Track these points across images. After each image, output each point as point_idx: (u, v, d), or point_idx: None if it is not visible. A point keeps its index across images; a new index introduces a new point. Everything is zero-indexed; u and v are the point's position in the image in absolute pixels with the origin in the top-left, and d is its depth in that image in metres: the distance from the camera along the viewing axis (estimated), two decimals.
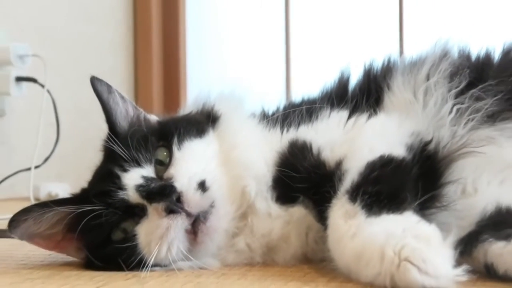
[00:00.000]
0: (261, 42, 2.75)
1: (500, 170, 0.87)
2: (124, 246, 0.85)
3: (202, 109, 0.99)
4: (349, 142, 0.88)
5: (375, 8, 2.63)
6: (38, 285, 0.80)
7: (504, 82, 0.93)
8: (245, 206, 0.89)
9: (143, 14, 2.75)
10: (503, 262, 0.74)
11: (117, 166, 0.89)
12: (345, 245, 0.76)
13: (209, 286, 0.78)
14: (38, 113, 2.09)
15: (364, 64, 1.01)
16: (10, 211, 0.89)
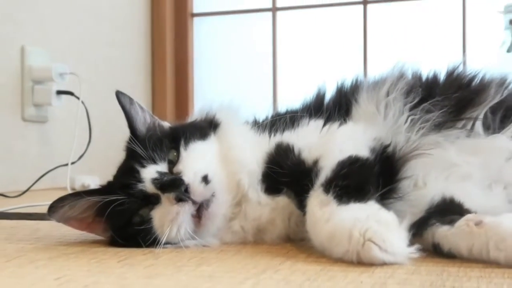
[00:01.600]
0: (253, 64, 2.75)
1: (444, 168, 0.87)
2: (142, 228, 0.85)
3: (206, 117, 0.99)
4: (323, 145, 0.88)
5: (345, 37, 2.62)
6: (71, 259, 0.79)
7: (448, 98, 0.93)
8: (239, 196, 0.89)
9: (159, 41, 2.76)
10: (447, 242, 0.74)
11: (137, 163, 0.89)
12: (320, 228, 0.77)
13: (211, 260, 0.77)
14: (74, 120, 2.09)
15: (337, 82, 1.02)
16: (51, 199, 0.89)
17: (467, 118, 0.92)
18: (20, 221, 1.20)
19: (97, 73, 2.33)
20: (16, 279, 0.69)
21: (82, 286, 0.63)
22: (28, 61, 2.09)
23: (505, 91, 0.96)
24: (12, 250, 0.86)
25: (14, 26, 2.06)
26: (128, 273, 0.70)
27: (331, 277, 0.65)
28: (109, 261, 0.77)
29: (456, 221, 0.74)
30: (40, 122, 2.15)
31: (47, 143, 2.16)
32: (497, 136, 0.91)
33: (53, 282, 0.65)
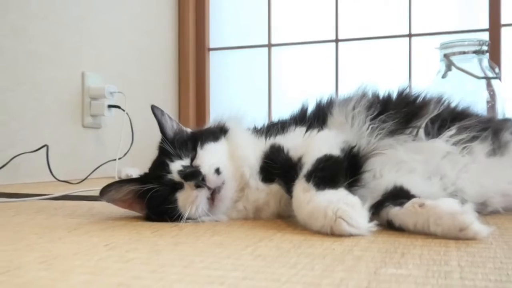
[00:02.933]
0: (253, 86, 2.78)
1: (396, 163, 0.87)
2: (169, 207, 0.84)
3: (218, 125, 0.99)
4: (306, 146, 0.88)
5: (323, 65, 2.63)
6: (117, 230, 0.79)
7: (399, 112, 0.93)
8: (243, 183, 0.89)
9: (184, 68, 2.78)
10: (398, 219, 0.74)
11: (167, 158, 0.88)
12: (303, 208, 0.76)
13: (221, 231, 0.77)
14: (121, 126, 2.10)
15: (316, 99, 1.02)
16: (102, 185, 0.89)
17: (413, 127, 0.92)
18: (80, 201, 1.20)
19: (137, 91, 2.33)
20: (75, 245, 0.68)
21: (124, 250, 0.63)
22: (87, 83, 2.09)
23: (441, 107, 0.97)
24: (73, 223, 0.86)
25: (77, 57, 2.06)
26: (159, 241, 0.69)
27: (311, 245, 0.65)
28: (145, 232, 0.77)
29: (404, 204, 0.74)
30: (95, 128, 2.15)
31: (101, 143, 2.17)
32: (435, 140, 0.91)
33: (103, 248, 0.65)
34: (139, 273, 0.52)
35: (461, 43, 2.05)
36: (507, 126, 0.99)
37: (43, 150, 1.77)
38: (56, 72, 1.96)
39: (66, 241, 0.71)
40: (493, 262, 0.55)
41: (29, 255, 0.61)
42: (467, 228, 0.67)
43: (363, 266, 0.54)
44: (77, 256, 0.61)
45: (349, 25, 2.60)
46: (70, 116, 2.03)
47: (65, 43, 2.00)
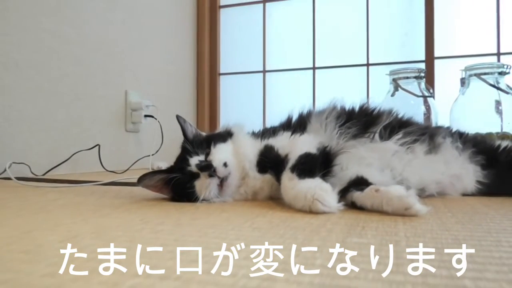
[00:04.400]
0: (252, 103, 2.75)
1: (358, 159, 0.86)
2: (189, 191, 0.83)
3: (225, 130, 0.97)
4: (291, 146, 0.86)
5: (302, 86, 2.62)
6: (149, 208, 0.78)
7: (360, 120, 0.92)
8: (244, 174, 0.87)
9: (201, 88, 2.76)
10: (359, 201, 0.73)
11: (187, 154, 0.87)
12: (288, 192, 0.75)
13: (228, 210, 0.76)
14: (154, 131, 2.07)
15: (298, 111, 1.00)
16: (140, 175, 0.88)
17: (371, 132, 0.91)
18: (122, 187, 1.19)
19: (166, 105, 2.31)
20: (118, 219, 0.67)
21: (154, 224, 0.62)
22: (129, 98, 2.07)
23: (391, 117, 0.96)
24: (117, 203, 0.85)
25: (121, 80, 2.05)
26: (181, 217, 0.68)
27: (295, 220, 0.64)
28: (171, 209, 0.76)
29: (364, 189, 0.73)
30: (135, 132, 2.13)
31: (139, 143, 2.15)
32: (387, 142, 0.90)
33: (139, 222, 0.64)
34: (165, 241, 0.50)
35: (405, 70, 2.05)
36: (440, 132, 0.98)
37: (96, 148, 1.77)
38: (107, 91, 1.95)
39: (112, 216, 0.70)
40: (430, 233, 0.55)
41: (84, 227, 0.60)
42: (411, 208, 0.66)
43: (334, 236, 0.53)
44: (119, 228, 0.60)
45: (323, 56, 2.59)
46: (116, 123, 2.02)
47: (113, 69, 1.99)
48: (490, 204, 0.82)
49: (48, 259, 0.43)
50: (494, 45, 2.26)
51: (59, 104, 1.68)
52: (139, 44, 2.19)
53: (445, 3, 2.35)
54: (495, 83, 1.87)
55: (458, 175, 0.93)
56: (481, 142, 1.00)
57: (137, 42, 2.18)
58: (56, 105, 1.67)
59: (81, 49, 1.79)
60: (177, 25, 2.59)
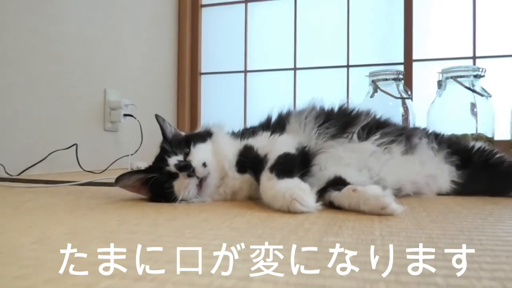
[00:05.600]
0: (233, 103, 2.75)
1: (336, 159, 0.86)
2: (167, 191, 0.82)
3: (205, 129, 0.96)
4: (270, 146, 0.86)
5: (283, 86, 2.63)
6: (126, 209, 0.77)
7: (338, 121, 0.93)
8: (223, 174, 0.87)
9: (182, 87, 2.74)
10: (337, 201, 0.74)
11: (166, 154, 0.86)
12: (267, 192, 0.75)
13: (206, 210, 0.75)
14: (133, 130, 2.05)
15: (278, 111, 1.00)
16: (117, 175, 0.86)
17: (349, 132, 0.92)
18: (100, 187, 1.17)
19: (146, 104, 2.29)
20: (94, 220, 0.66)
21: (132, 224, 0.61)
22: (108, 97, 2.04)
23: (369, 118, 0.97)
24: (93, 204, 0.83)
25: (101, 78, 2.02)
26: (159, 217, 0.67)
27: (273, 220, 0.64)
28: (148, 210, 0.75)
29: (342, 189, 0.73)
30: (114, 131, 2.10)
31: (118, 143, 2.12)
32: (365, 142, 0.91)
33: (115, 222, 0.63)
34: (142, 242, 0.50)
35: (384, 72, 2.08)
36: (416, 133, 1.00)
37: (73, 148, 1.73)
38: (85, 89, 1.91)
39: (88, 217, 0.69)
40: (405, 232, 0.56)
41: (58, 229, 0.59)
42: (387, 207, 0.67)
43: (311, 235, 0.53)
44: (95, 228, 0.59)
45: (304, 57, 2.61)
46: (95, 122, 1.99)
47: (92, 67, 1.96)
48: (463, 203, 0.84)
49: (21, 261, 0.42)
50: (470, 48, 2.32)
51: (35, 102, 1.65)
52: (120, 42, 2.16)
53: (423, 7, 2.40)
54: (471, 85, 1.92)
55: (433, 175, 0.95)
56: (456, 143, 1.02)
57: (118, 41, 2.15)
58: (33, 103, 1.64)
59: (61, 47, 1.76)
60: (158, 24, 2.57)
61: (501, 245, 0.49)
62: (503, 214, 0.70)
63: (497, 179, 0.94)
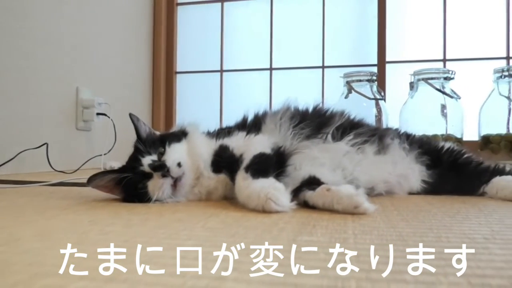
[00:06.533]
0: (209, 102, 2.74)
1: (311, 159, 0.87)
2: (141, 192, 0.81)
3: (180, 129, 0.95)
4: (246, 146, 0.86)
5: (259, 87, 2.64)
6: (99, 209, 0.75)
7: (313, 121, 0.94)
8: (198, 174, 0.86)
9: (157, 86, 2.71)
10: (311, 200, 0.75)
11: (140, 154, 0.85)
12: (242, 192, 0.75)
13: (181, 210, 0.75)
14: (106, 129, 2.01)
15: (254, 111, 1.00)
16: (90, 175, 0.85)
17: (323, 132, 0.93)
18: (71, 187, 1.15)
19: (120, 103, 2.25)
20: (65, 221, 0.65)
21: (104, 225, 0.60)
22: (80, 95, 2.00)
23: (343, 119, 0.99)
24: (64, 204, 0.82)
25: (73, 76, 1.98)
26: (132, 218, 0.66)
27: (247, 219, 0.64)
28: (121, 211, 0.74)
29: (316, 188, 0.74)
30: (86, 130, 2.05)
31: (90, 142, 2.07)
32: (339, 143, 0.92)
33: (87, 223, 0.62)
34: (114, 242, 0.49)
35: (358, 73, 2.12)
36: (389, 133, 1.02)
37: (44, 147, 1.69)
38: (56, 87, 1.86)
39: (58, 218, 0.67)
40: (377, 230, 0.57)
41: (27, 230, 0.57)
42: (360, 206, 0.69)
43: (285, 234, 0.54)
44: (66, 230, 0.57)
45: (280, 57, 2.62)
46: (66, 121, 1.94)
47: (63, 65, 1.91)
48: (433, 202, 0.86)
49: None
50: (440, 51, 2.39)
51: (2, 100, 1.59)
52: (92, 39, 2.12)
53: (396, 10, 2.45)
54: (441, 87, 1.98)
55: (405, 174, 0.97)
56: (427, 143, 1.05)
57: (90, 38, 2.10)
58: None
59: (28, 43, 1.71)
60: (133, 21, 2.53)
61: (467, 242, 0.50)
62: (470, 213, 0.73)
63: (465, 178, 0.97)
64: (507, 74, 1.92)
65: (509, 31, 2.31)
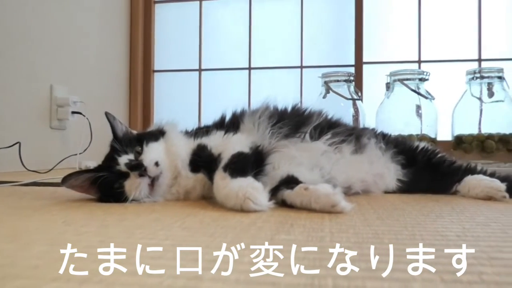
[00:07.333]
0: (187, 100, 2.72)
1: (289, 158, 0.88)
2: (118, 191, 0.80)
3: (158, 128, 0.94)
4: (224, 145, 0.86)
5: (237, 86, 2.63)
6: (74, 210, 0.74)
7: (291, 121, 0.95)
8: (176, 173, 0.86)
9: (134, 85, 2.67)
10: (289, 199, 0.75)
11: (116, 153, 0.83)
12: (220, 191, 0.75)
13: (158, 210, 0.74)
14: (82, 128, 1.97)
15: (232, 110, 1.00)
16: (64, 174, 0.83)
17: (302, 132, 0.94)
18: (46, 187, 1.12)
19: (96, 101, 2.21)
20: (38, 222, 0.63)
21: (79, 225, 0.59)
22: (55, 94, 1.95)
23: (321, 118, 1.00)
24: (38, 205, 0.80)
25: (47, 73, 1.93)
26: (108, 218, 0.65)
27: (226, 219, 0.64)
28: (97, 211, 0.73)
29: (294, 188, 0.74)
30: (61, 129, 2.01)
31: (65, 141, 2.03)
32: (316, 142, 0.93)
33: (61, 224, 0.60)
34: (89, 243, 0.48)
35: (335, 74, 2.14)
36: (365, 133, 1.04)
37: (16, 146, 1.64)
38: (29, 84, 1.82)
39: (31, 219, 0.65)
40: (353, 229, 0.58)
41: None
42: (337, 205, 0.69)
43: (263, 233, 0.54)
44: (39, 230, 0.56)
45: (259, 57, 2.63)
46: (40, 120, 1.89)
47: (37, 62, 1.86)
48: (408, 201, 0.88)
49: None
50: (416, 53, 2.44)
51: None
52: (67, 37, 2.07)
53: (373, 12, 2.49)
54: (416, 88, 2.02)
55: (381, 174, 0.99)
56: (402, 143, 1.07)
57: (65, 35, 2.06)
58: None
59: (5, 41, 1.66)
60: (109, 18, 2.49)
61: (440, 240, 0.52)
62: (443, 211, 0.75)
63: (439, 177, 1.00)
64: (479, 76, 1.98)
65: (480, 34, 2.38)
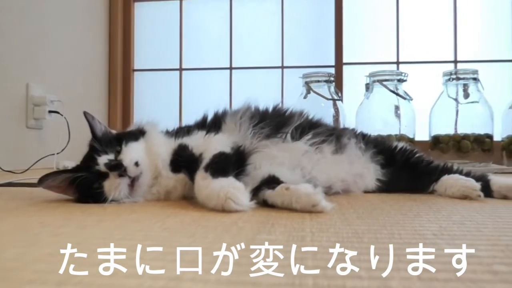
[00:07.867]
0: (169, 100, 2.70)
1: (270, 158, 0.88)
2: (97, 191, 0.79)
3: (138, 127, 0.93)
4: (205, 145, 0.86)
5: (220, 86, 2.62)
6: (51, 211, 0.72)
7: (273, 121, 0.95)
8: (156, 173, 0.85)
9: (113, 84, 2.64)
10: (270, 199, 0.75)
11: (95, 153, 0.82)
12: (202, 191, 0.74)
13: (138, 210, 0.73)
14: (59, 128, 1.93)
15: (214, 111, 0.99)
16: (41, 174, 0.81)
17: (283, 132, 0.94)
18: (22, 188, 1.09)
19: (75, 101, 2.17)
20: (14, 223, 0.62)
21: (56, 226, 0.58)
22: (31, 92, 1.91)
23: (302, 118, 1.00)
24: (13, 206, 0.78)
25: (23, 71, 1.88)
26: (86, 219, 0.64)
27: (207, 219, 0.64)
28: (75, 212, 0.71)
29: (275, 187, 0.75)
30: (38, 129, 1.96)
31: (42, 141, 1.98)
32: (297, 142, 0.93)
33: (38, 225, 0.59)
34: (66, 245, 0.47)
35: (316, 74, 2.15)
36: (345, 133, 1.05)
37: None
38: (4, 83, 1.77)
39: (6, 220, 0.64)
40: (334, 228, 0.58)
41: None
42: (317, 205, 0.70)
43: (244, 233, 0.54)
44: (14, 232, 0.55)
45: (240, 57, 2.62)
46: (15, 119, 1.84)
47: (12, 60, 1.81)
48: (387, 200, 0.89)
49: None
50: (394, 54, 2.48)
51: None
52: (43, 34, 2.03)
53: (353, 13, 2.52)
54: (395, 89, 2.06)
55: (360, 173, 1.00)
56: (381, 143, 1.09)
57: (41, 33, 2.01)
58: None
59: None
60: (88, 17, 2.44)
61: (418, 238, 0.53)
62: (421, 210, 0.76)
63: (417, 177, 1.02)
64: (455, 77, 2.03)
65: (456, 37, 2.43)
